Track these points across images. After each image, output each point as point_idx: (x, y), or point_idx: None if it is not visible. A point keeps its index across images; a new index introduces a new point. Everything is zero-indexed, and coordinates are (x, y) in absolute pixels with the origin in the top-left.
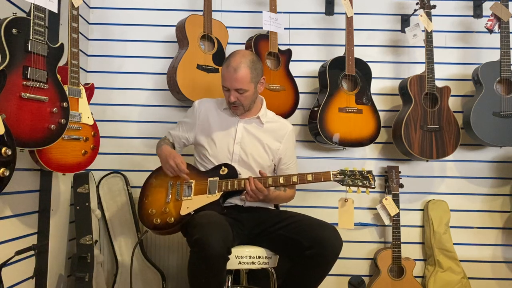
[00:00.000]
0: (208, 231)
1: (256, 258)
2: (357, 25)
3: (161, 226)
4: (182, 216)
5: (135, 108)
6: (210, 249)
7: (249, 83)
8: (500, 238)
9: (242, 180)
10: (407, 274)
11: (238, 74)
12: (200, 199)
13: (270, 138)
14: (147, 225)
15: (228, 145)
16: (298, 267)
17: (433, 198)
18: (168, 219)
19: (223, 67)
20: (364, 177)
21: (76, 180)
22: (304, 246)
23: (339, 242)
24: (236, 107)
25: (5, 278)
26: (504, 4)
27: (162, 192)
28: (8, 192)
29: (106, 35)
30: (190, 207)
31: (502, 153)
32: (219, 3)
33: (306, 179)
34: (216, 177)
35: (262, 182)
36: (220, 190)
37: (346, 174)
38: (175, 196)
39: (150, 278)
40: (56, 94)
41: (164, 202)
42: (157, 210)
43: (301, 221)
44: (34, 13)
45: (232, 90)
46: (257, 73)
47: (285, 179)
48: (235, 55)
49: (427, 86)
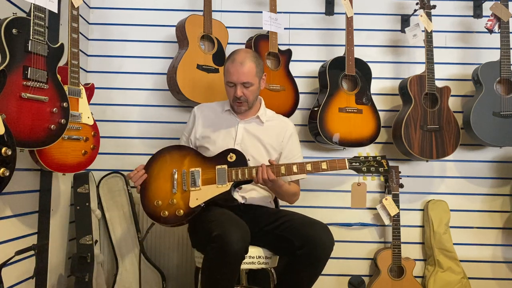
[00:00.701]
0: (229, 228)
1: (256, 258)
2: (357, 25)
3: (169, 219)
4: (191, 208)
5: (135, 108)
6: (231, 245)
7: (254, 76)
8: (500, 238)
9: (253, 169)
10: (407, 274)
11: (245, 68)
12: (209, 190)
13: (270, 136)
14: (154, 217)
15: (229, 146)
16: (291, 266)
17: (433, 198)
18: (177, 211)
19: (227, 64)
20: (378, 163)
21: (76, 180)
22: (295, 246)
23: (330, 241)
24: (241, 103)
25: (5, 278)
26: (504, 4)
27: (167, 181)
28: (8, 192)
29: (106, 35)
30: (200, 199)
31: (502, 153)
32: (219, 3)
33: (321, 168)
34: (224, 165)
35: (275, 170)
36: (230, 179)
37: (361, 160)
38: (182, 186)
39: (150, 278)
40: (56, 94)
41: (170, 192)
42: (163, 201)
43: (294, 220)
44: (34, 13)
45: (239, 85)
46: (260, 68)
47: (298, 168)
48: (238, 52)
49: (427, 86)
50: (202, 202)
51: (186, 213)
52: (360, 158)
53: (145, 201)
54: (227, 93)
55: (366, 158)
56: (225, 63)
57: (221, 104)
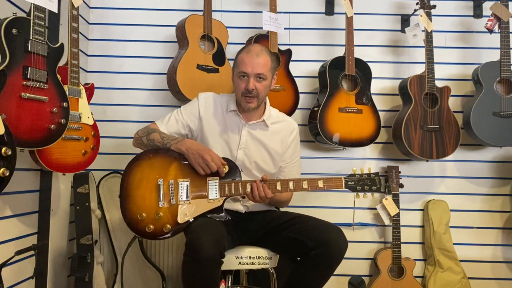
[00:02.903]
0: (200, 234)
1: (256, 258)
2: (357, 25)
3: (154, 235)
4: (180, 224)
5: (135, 108)
6: (201, 251)
7: (269, 70)
8: (500, 238)
9: (247, 184)
10: (407, 274)
11: (261, 59)
12: (199, 205)
13: (275, 141)
14: (138, 232)
15: (231, 150)
16: (302, 267)
17: (433, 198)
18: (164, 227)
19: (241, 54)
20: (372, 181)
21: (76, 180)
22: (308, 247)
23: (345, 243)
24: (251, 97)
25: (5, 278)
26: (504, 4)
27: (151, 192)
28: (8, 192)
29: (106, 35)
30: (189, 214)
31: (502, 153)
32: (219, 3)
33: (317, 186)
34: (216, 177)
35: (271, 187)
36: (223, 194)
37: (356, 179)
38: (169, 199)
39: (150, 278)
40: (56, 94)
41: (156, 205)
42: (148, 214)
43: (306, 222)
44: (34, 13)
45: (252, 76)
46: (274, 65)
47: (295, 185)
48: (254, 45)
49: (427, 86)
50: (192, 217)
51: (174, 229)
52: (355, 176)
53: (126, 212)
54: (235, 87)
55: (360, 176)
56: (238, 54)
57: (226, 101)
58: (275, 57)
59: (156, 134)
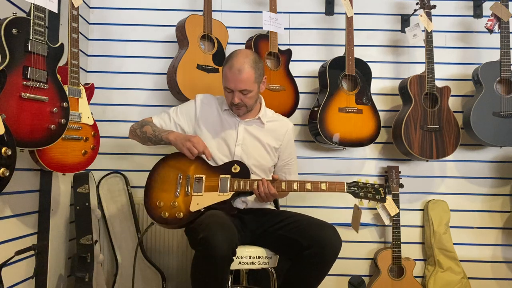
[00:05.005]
0: (214, 231)
1: (256, 258)
2: (357, 25)
3: (169, 221)
4: (191, 212)
5: (135, 108)
6: (215, 249)
7: (253, 83)
8: (500, 238)
9: (255, 182)
10: (407, 274)
11: (243, 75)
12: (211, 197)
13: (271, 137)
14: (154, 217)
15: (229, 147)
16: (297, 267)
17: (433, 198)
18: (177, 214)
19: (225, 68)
20: (376, 191)
21: (76, 180)
22: (303, 246)
23: (339, 241)
24: (238, 108)
25: (5, 278)
26: (504, 4)
27: (171, 184)
28: (8, 192)
29: (106, 35)
30: (200, 204)
31: (502, 153)
32: (219, 3)
33: (320, 188)
34: (228, 175)
35: (276, 186)
36: (232, 189)
37: (359, 186)
38: (185, 191)
39: (150, 278)
40: (56, 94)
41: (173, 195)
42: (165, 203)
43: (300, 221)
44: (34, 13)
45: (236, 92)
46: (260, 72)
47: (299, 186)
48: (237, 55)
49: (427, 86)
50: (202, 207)
51: (186, 216)
52: (358, 184)
53: (147, 199)
54: (225, 97)
55: (364, 185)
56: (224, 66)
57: (222, 101)
58: (260, 64)
59: (149, 127)
